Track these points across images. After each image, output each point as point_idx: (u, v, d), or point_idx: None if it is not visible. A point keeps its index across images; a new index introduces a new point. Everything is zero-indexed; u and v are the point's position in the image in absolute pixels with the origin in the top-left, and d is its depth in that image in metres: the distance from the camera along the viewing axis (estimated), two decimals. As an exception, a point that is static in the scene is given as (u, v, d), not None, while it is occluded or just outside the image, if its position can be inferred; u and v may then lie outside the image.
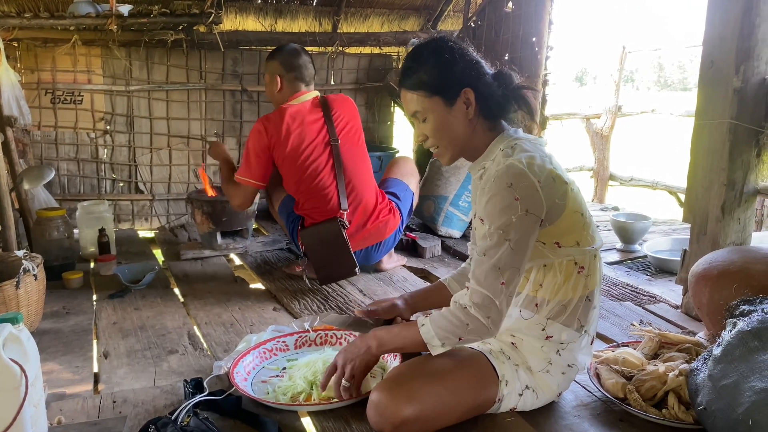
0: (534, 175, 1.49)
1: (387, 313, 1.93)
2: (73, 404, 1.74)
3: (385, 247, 2.89)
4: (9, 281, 2.15)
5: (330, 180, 2.70)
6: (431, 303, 1.98)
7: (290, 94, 2.74)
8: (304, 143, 2.67)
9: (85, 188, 4.07)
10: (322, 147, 2.70)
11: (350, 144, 2.76)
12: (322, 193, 2.69)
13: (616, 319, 2.38)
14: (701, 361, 1.57)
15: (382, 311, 1.93)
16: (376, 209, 2.79)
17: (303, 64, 2.75)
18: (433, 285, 2.02)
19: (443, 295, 1.92)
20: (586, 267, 1.59)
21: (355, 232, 2.75)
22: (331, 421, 1.64)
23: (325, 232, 2.65)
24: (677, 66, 35.23)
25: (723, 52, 2.19)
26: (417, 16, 4.86)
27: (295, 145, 2.66)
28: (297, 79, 2.74)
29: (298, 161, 2.67)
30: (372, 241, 2.81)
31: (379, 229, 2.80)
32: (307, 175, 2.68)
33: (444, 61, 1.58)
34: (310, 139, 2.68)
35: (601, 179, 6.02)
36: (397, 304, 1.94)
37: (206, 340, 2.25)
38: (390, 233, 2.84)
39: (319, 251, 2.67)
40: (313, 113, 2.72)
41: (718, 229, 2.25)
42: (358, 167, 2.78)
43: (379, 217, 2.80)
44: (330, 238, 2.64)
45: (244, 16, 4.39)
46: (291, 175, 2.72)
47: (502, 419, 1.62)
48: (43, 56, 3.83)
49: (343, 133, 2.75)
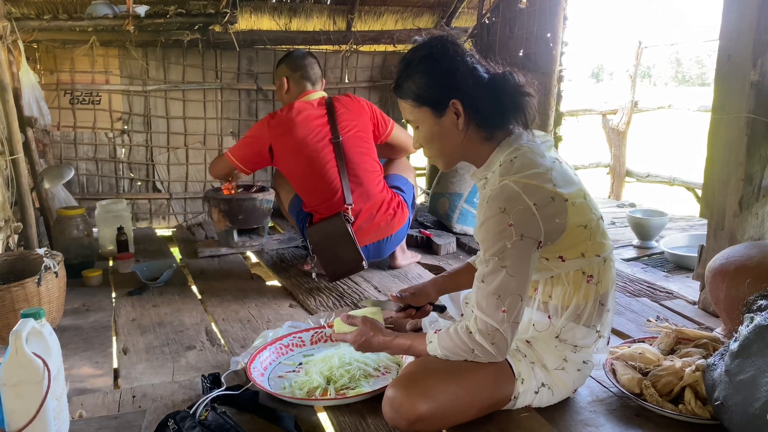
0: (530, 197, 1.43)
1: (415, 301, 1.93)
2: (94, 398, 1.77)
3: (397, 239, 2.93)
4: (31, 278, 2.18)
5: (334, 175, 2.74)
6: (459, 285, 1.97)
7: (298, 93, 2.85)
8: (309, 137, 2.73)
9: (104, 187, 4.12)
10: (325, 143, 2.75)
11: (355, 140, 2.80)
12: (327, 188, 2.74)
13: (632, 315, 2.37)
14: (718, 356, 1.56)
15: (411, 299, 1.93)
16: (384, 202, 2.83)
17: (308, 64, 2.87)
18: (460, 266, 2.00)
19: (470, 275, 1.91)
20: (595, 275, 1.56)
21: (364, 226, 2.78)
22: (347, 415, 1.66)
23: (330, 227, 2.69)
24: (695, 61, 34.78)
25: (740, 46, 2.17)
26: (431, 14, 4.85)
27: (300, 137, 2.72)
28: (303, 78, 2.85)
29: (303, 154, 2.73)
30: (383, 234, 2.85)
31: (389, 221, 2.84)
32: (311, 169, 2.73)
33: (433, 71, 1.53)
34: (314, 134, 2.74)
35: (618, 175, 5.99)
36: (425, 291, 1.94)
37: (223, 336, 2.27)
38: (400, 225, 2.88)
39: (325, 247, 2.71)
40: (317, 111, 2.79)
41: (735, 224, 2.23)
42: (364, 162, 2.81)
43: (388, 210, 2.84)
44: (335, 233, 2.68)
45: (259, 15, 4.41)
46: (296, 169, 2.78)
47: (518, 414, 1.62)
48: (62, 57, 3.88)
49: (347, 130, 2.79)
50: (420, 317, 1.97)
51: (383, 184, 2.88)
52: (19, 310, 2.11)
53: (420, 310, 1.95)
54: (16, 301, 2.13)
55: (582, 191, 1.56)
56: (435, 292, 1.96)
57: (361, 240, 2.73)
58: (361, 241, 2.74)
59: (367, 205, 2.79)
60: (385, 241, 2.87)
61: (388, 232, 2.85)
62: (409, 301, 1.94)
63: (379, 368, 1.88)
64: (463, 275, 1.96)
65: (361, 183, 2.78)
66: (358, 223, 2.76)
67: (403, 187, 2.98)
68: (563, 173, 1.53)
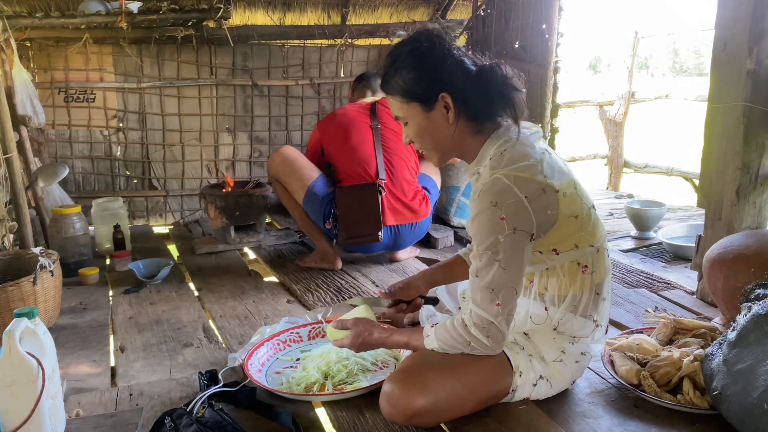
0: (521, 190, 1.43)
1: (405, 295, 1.94)
2: (91, 397, 1.77)
3: (418, 231, 3.02)
4: (26, 278, 2.17)
5: (371, 151, 2.92)
6: (449, 277, 1.98)
7: (356, 99, 3.23)
8: (349, 121, 2.98)
9: (100, 185, 4.11)
10: (365, 126, 2.98)
11: (392, 134, 3.00)
12: (364, 159, 2.90)
13: (631, 306, 2.36)
14: (716, 346, 1.55)
15: (401, 294, 1.94)
16: (411, 191, 2.97)
17: (372, 76, 3.25)
18: (451, 258, 2.00)
19: (462, 267, 1.93)
20: (590, 265, 1.56)
21: (389, 204, 2.88)
22: (345, 410, 1.65)
23: (361, 191, 2.86)
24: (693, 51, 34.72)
25: (736, 34, 2.16)
26: (426, 7, 4.83)
27: (340, 121, 2.99)
28: (365, 86, 3.23)
29: (342, 129, 2.95)
30: (405, 220, 2.93)
31: (413, 209, 2.94)
32: (350, 144, 2.92)
33: (420, 65, 1.51)
34: (354, 119, 2.99)
35: (616, 166, 5.98)
36: (415, 284, 1.95)
37: (221, 333, 2.27)
38: (422, 218, 2.98)
39: (351, 208, 2.84)
40: (362, 108, 3.06)
41: (733, 213, 2.22)
42: (399, 151, 2.98)
43: (414, 199, 2.96)
44: (364, 198, 2.84)
45: (253, 10, 4.40)
46: (336, 142, 2.96)
47: (516, 407, 1.61)
48: (56, 55, 3.86)
49: (384, 125, 3.00)
50: (412, 311, 1.97)
51: (414, 177, 3.02)
52: (14, 310, 2.10)
53: (411, 303, 1.95)
54: (11, 301, 2.12)
55: (572, 182, 1.55)
56: (425, 285, 1.96)
57: (384, 218, 2.85)
58: (385, 220, 2.85)
59: (396, 189, 2.91)
60: (407, 228, 2.95)
61: (410, 220, 2.95)
62: (399, 295, 1.94)
63: (376, 363, 1.88)
64: (454, 267, 1.96)
65: (394, 167, 2.93)
66: (385, 196, 2.88)
67: (429, 188, 3.11)
68: (553, 164, 1.52)
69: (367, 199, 2.84)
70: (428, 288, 1.98)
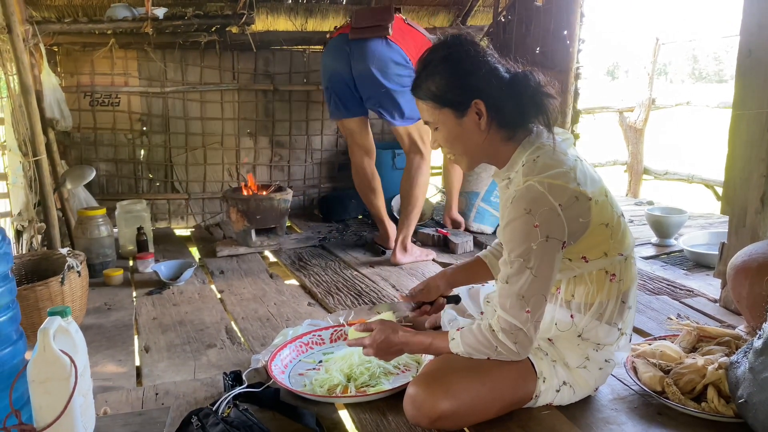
0: (555, 198, 1.42)
1: (426, 296, 1.95)
2: (118, 396, 1.80)
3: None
4: (54, 278, 2.21)
5: None
6: (470, 278, 1.98)
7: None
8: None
9: (123, 188, 4.17)
10: None
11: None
12: None
13: (653, 313, 2.35)
14: (741, 353, 1.55)
15: (422, 296, 1.95)
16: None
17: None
18: (471, 260, 2.00)
19: (482, 269, 1.93)
20: (618, 273, 1.56)
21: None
22: (368, 413, 1.66)
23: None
24: (713, 57, 34.36)
25: (761, 41, 2.15)
26: (446, 12, 4.85)
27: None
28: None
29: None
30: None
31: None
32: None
33: (454, 71, 1.52)
34: None
35: (635, 173, 5.94)
36: (434, 284, 1.96)
37: (243, 335, 2.29)
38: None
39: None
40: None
41: (757, 221, 2.21)
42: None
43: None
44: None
45: (275, 16, 4.44)
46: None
47: (539, 412, 1.61)
48: (82, 60, 3.93)
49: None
50: (435, 312, 1.97)
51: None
52: (43, 309, 2.15)
53: (434, 305, 1.95)
54: (40, 300, 2.17)
55: (604, 189, 1.55)
56: (445, 285, 1.97)
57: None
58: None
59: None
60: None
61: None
62: (420, 298, 1.94)
63: (398, 366, 1.88)
64: (475, 268, 1.96)
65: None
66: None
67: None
68: (585, 172, 1.52)
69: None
70: (449, 288, 1.99)
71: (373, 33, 2.93)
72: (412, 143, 3.06)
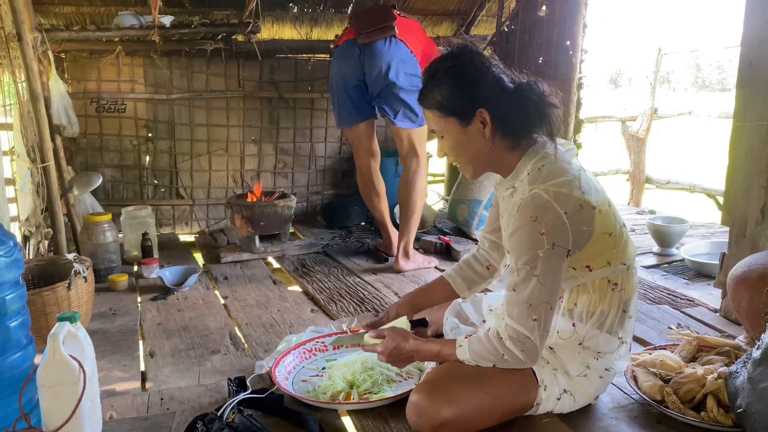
0: (560, 205, 1.45)
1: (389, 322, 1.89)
2: (123, 401, 1.82)
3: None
4: (61, 283, 2.24)
5: None
6: (431, 300, 1.98)
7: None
8: None
9: (128, 194, 4.20)
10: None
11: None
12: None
13: (653, 322, 2.37)
14: (740, 363, 1.56)
15: (382, 324, 1.88)
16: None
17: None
18: (433, 282, 2.00)
19: (444, 290, 1.93)
20: (620, 282, 1.58)
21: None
22: (371, 419, 1.68)
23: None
24: (716, 66, 34.40)
25: (762, 53, 2.18)
26: (450, 22, 4.89)
27: None
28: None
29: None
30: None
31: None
32: None
33: (459, 82, 1.55)
34: None
35: (638, 182, 5.96)
36: (394, 312, 1.92)
37: (247, 341, 2.31)
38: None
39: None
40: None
41: (757, 232, 2.22)
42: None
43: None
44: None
45: (281, 24, 4.48)
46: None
47: (540, 420, 1.63)
48: (89, 67, 3.97)
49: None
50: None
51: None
52: (49, 314, 2.17)
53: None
54: (47, 305, 2.19)
55: (607, 199, 1.58)
56: (408, 310, 1.93)
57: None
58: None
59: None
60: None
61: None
62: (381, 327, 1.85)
63: (401, 373, 1.90)
64: (435, 290, 1.96)
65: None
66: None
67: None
68: (589, 181, 1.55)
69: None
70: (412, 313, 1.94)
71: (382, 34, 3.01)
72: (410, 146, 3.08)
